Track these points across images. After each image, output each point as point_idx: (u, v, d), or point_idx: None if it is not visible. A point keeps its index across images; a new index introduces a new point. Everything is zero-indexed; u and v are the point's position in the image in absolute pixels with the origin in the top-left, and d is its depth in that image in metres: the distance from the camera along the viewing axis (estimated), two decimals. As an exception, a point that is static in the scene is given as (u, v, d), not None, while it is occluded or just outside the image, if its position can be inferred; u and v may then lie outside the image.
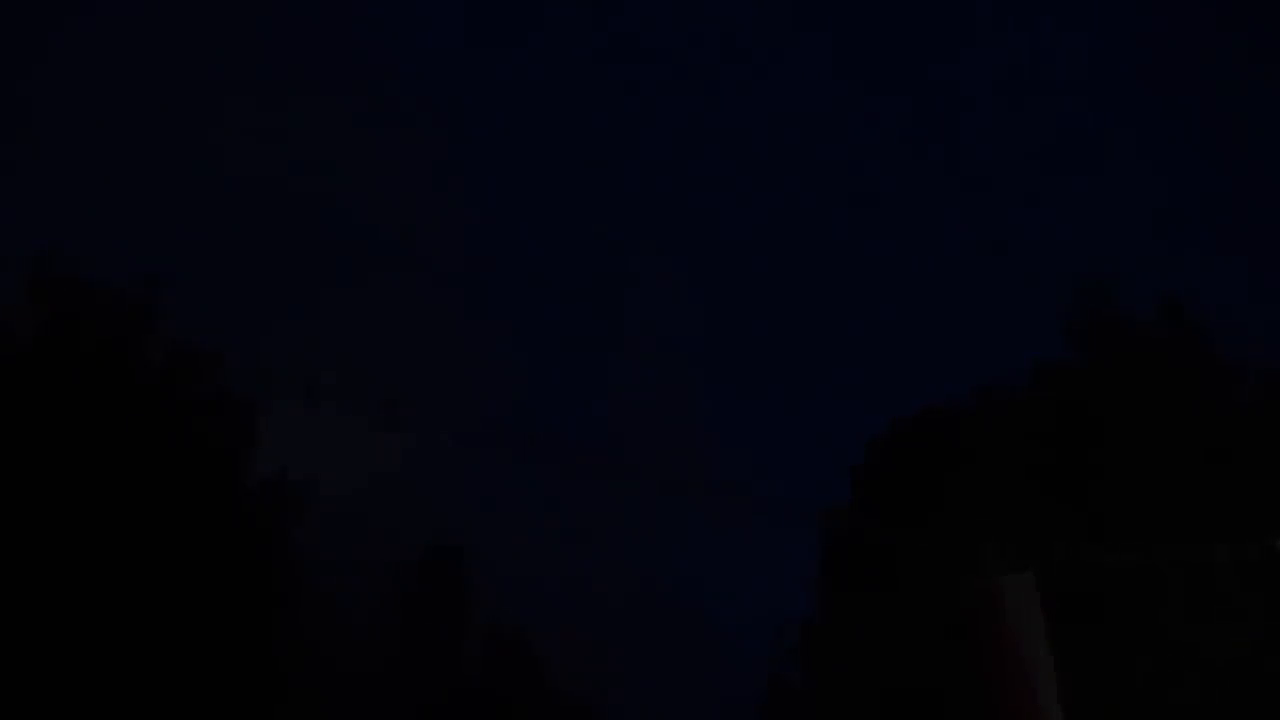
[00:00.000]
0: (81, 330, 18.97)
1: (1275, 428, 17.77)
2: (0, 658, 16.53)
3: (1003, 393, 20.56)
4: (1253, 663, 15.72)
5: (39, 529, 17.33)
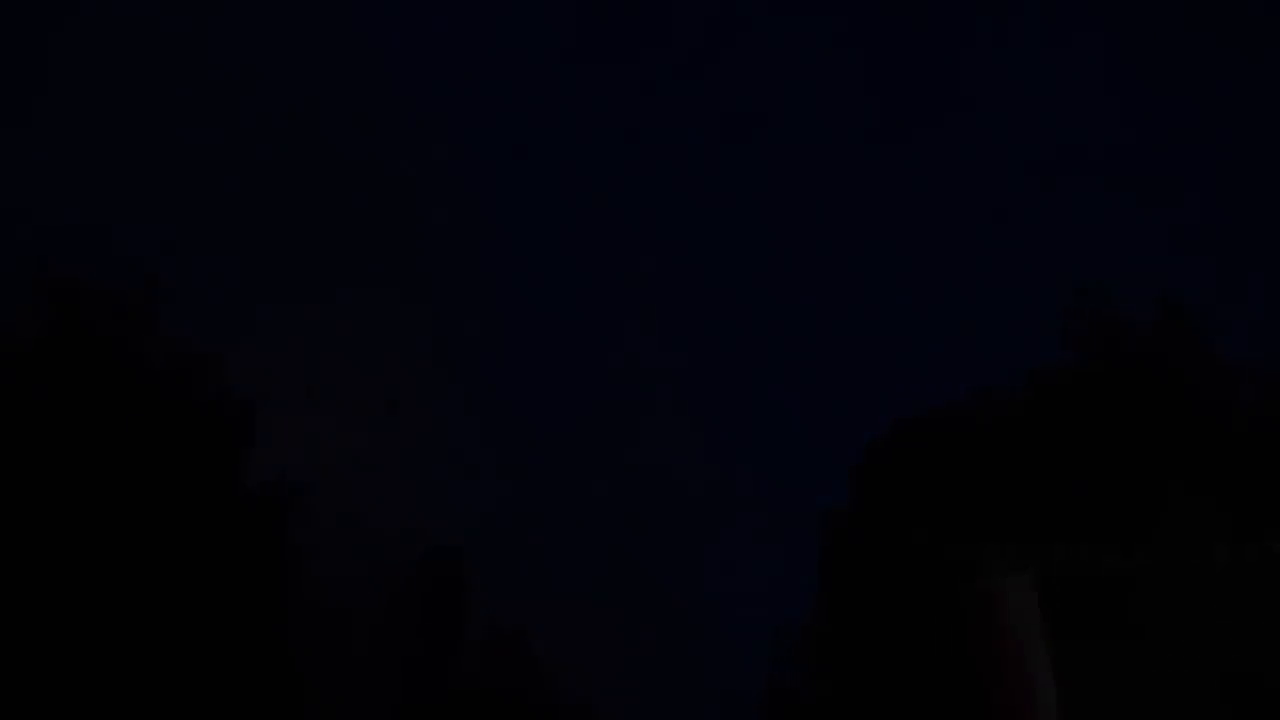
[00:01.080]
0: (81, 332, 18.98)
1: (1275, 428, 17.78)
2: (5, 660, 16.54)
3: (1002, 394, 20.58)
4: (1250, 663, 15.73)
5: (40, 530, 17.33)
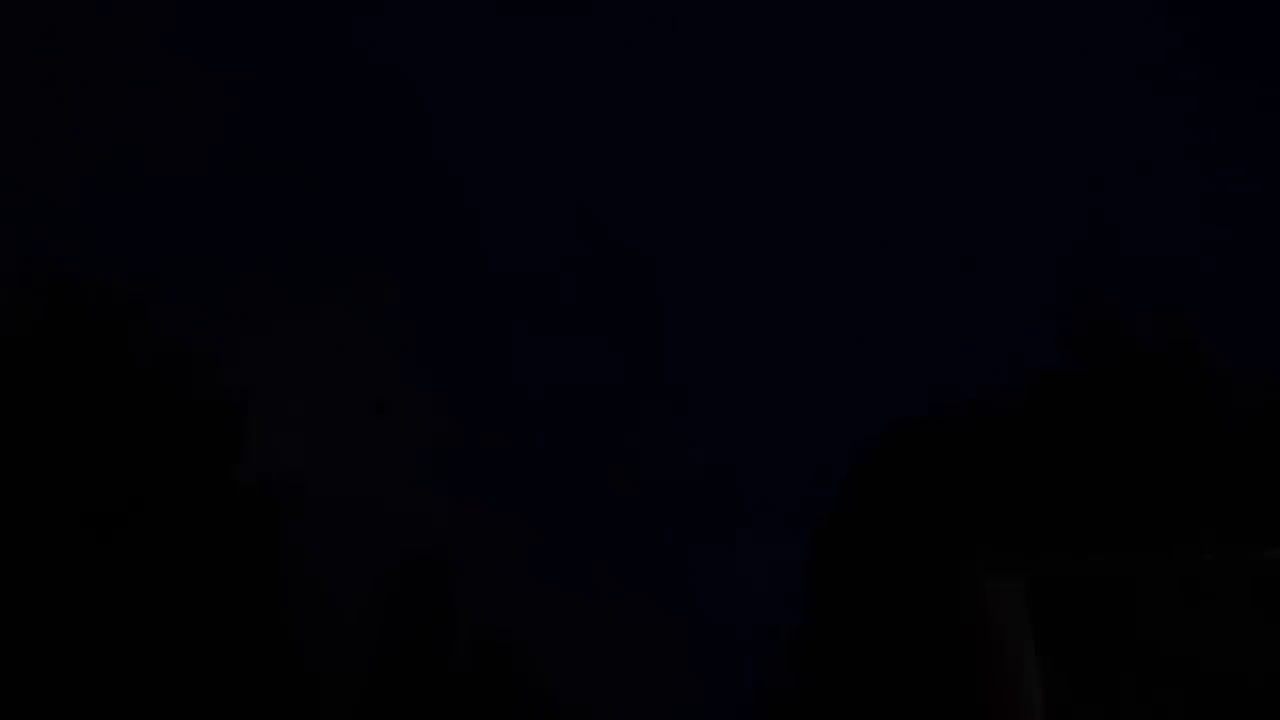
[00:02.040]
0: (71, 328, 18.95)
1: (1272, 435, 17.73)
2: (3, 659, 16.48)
3: (998, 397, 20.53)
4: (1245, 674, 15.68)
5: (32, 526, 17.28)
